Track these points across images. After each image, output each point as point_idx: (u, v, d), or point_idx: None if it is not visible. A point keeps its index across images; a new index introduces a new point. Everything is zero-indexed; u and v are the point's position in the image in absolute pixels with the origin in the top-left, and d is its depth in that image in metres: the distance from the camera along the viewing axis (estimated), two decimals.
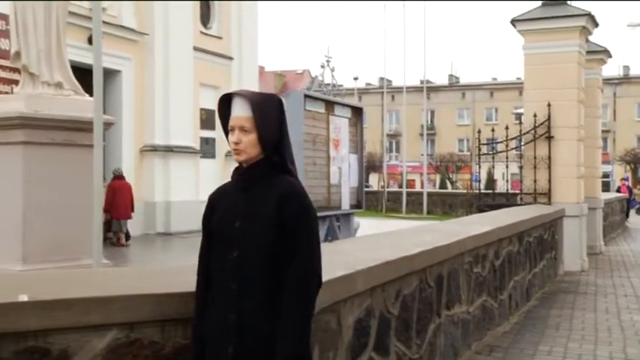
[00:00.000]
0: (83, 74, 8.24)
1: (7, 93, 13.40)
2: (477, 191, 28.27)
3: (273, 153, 2.64)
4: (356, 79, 47.28)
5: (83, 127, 7.25)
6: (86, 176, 6.97)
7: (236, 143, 2.59)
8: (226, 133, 2.69)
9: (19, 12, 7.09)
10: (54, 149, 7.69)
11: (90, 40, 15.99)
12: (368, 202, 21.22)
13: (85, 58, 12.84)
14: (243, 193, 2.63)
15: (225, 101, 2.71)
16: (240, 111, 2.61)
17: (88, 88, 7.82)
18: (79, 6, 15.21)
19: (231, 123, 2.63)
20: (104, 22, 7.75)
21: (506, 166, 12.40)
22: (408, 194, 36.36)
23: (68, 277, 3.52)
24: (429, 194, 36.11)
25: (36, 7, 7.07)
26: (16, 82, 9.91)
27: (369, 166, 52.11)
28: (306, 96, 9.08)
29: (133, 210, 17.09)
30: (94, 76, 7.18)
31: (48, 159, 7.81)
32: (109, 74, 17.26)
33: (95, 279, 3.41)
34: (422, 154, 45.88)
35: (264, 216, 2.55)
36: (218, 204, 2.71)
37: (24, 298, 2.50)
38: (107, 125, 7.72)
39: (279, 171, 2.65)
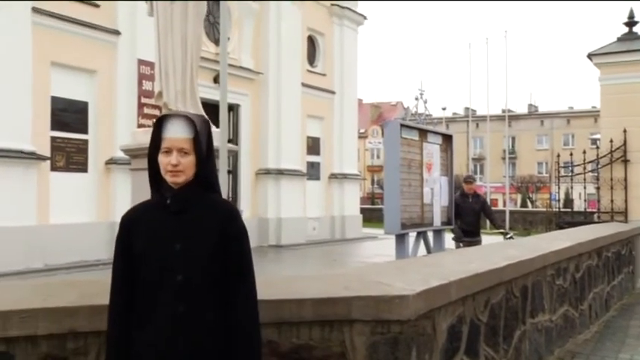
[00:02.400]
0: (210, 108, 8.50)
1: (149, 126, 14.00)
2: (556, 209, 27.40)
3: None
4: (444, 109, 46.56)
5: None
6: None
7: (175, 165, 2.25)
8: (153, 153, 2.32)
9: (162, 60, 7.41)
10: None
11: (215, 80, 16.67)
12: None
13: (212, 94, 13.30)
14: (177, 215, 2.29)
15: (157, 121, 2.34)
16: (180, 132, 2.28)
17: (215, 121, 8.10)
18: (207, 51, 15.77)
19: (168, 144, 2.26)
20: (228, 64, 8.01)
21: (584, 187, 12.13)
22: None
23: None
24: (511, 212, 35.14)
25: (175, 56, 7.36)
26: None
27: (457, 186, 51.24)
28: (402, 125, 9.03)
29: None
30: (220, 110, 7.44)
31: None
32: (231, 108, 17.73)
33: None
34: (504, 176, 44.86)
35: (207, 237, 2.28)
36: (138, 226, 2.31)
37: None
38: (231, 152, 7.92)
39: (207, 190, 2.37)
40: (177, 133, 2.27)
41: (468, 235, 10.76)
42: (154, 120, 2.37)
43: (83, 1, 15.27)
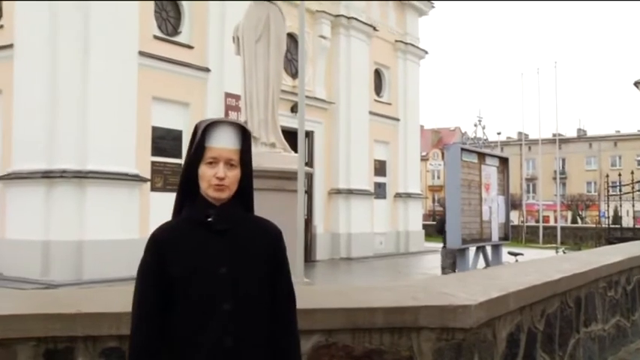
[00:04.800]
0: (288, 135, 8.60)
1: None
2: (606, 226, 26.33)
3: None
4: (499, 133, 45.60)
5: (290, 176, 7.51)
6: (292, 213, 7.24)
7: (221, 179, 1.80)
8: (195, 162, 1.84)
9: (247, 93, 7.57)
10: (268, 194, 8.03)
11: (293, 109, 16.88)
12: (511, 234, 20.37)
13: (290, 122, 13.48)
14: (220, 235, 1.82)
15: (203, 128, 1.84)
16: (229, 142, 1.83)
17: (293, 146, 8.19)
18: (285, 84, 16.01)
19: (214, 154, 1.81)
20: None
21: (632, 205, 11.59)
22: (544, 228, 34.40)
23: None
24: (562, 228, 33.89)
25: (259, 89, 7.51)
26: None
27: (511, 204, 50.06)
28: (462, 149, 8.97)
29: None
30: (298, 136, 7.52)
31: (264, 201, 8.11)
32: (306, 134, 17.88)
33: (300, 295, 3.53)
34: (555, 195, 43.53)
35: (256, 260, 1.84)
36: (175, 247, 1.83)
37: None
38: (307, 175, 8.00)
39: (246, 209, 1.93)
40: (225, 142, 1.82)
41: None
42: (196, 124, 1.90)
43: (180, 44, 15.82)
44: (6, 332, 2.37)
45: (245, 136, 1.88)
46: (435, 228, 12.57)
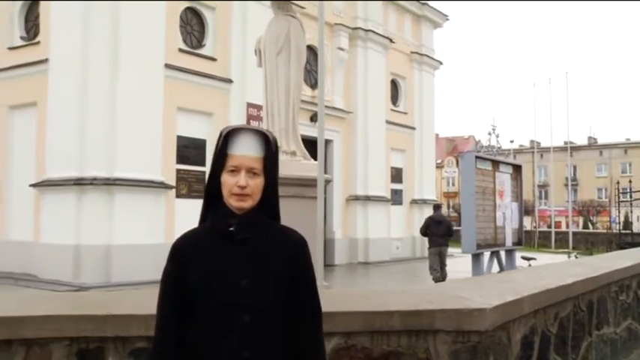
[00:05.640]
0: (308, 144, 8.61)
1: None
2: (617, 231, 25.89)
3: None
4: (512, 141, 45.29)
5: (309, 183, 7.51)
6: (311, 219, 7.24)
7: (243, 187, 1.69)
8: (217, 171, 1.74)
9: (269, 103, 7.60)
10: (288, 200, 8.02)
11: (312, 119, 16.92)
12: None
13: (309, 131, 13.49)
14: (239, 245, 1.72)
15: (224, 135, 1.74)
16: (251, 150, 1.71)
17: (313, 154, 8.20)
18: (305, 95, 16.04)
19: (236, 163, 1.70)
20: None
21: None
22: (556, 233, 34.13)
23: None
24: (574, 233, 33.54)
25: (280, 99, 7.54)
26: None
27: (524, 210, 49.61)
28: (476, 157, 8.92)
29: None
30: (317, 145, 7.53)
31: (284, 208, 8.07)
32: (325, 143, 17.88)
33: (320, 298, 3.52)
34: (567, 201, 43.23)
35: (278, 271, 1.73)
36: (195, 257, 1.74)
37: None
38: (326, 182, 8.00)
39: (270, 217, 1.81)
40: (247, 150, 1.71)
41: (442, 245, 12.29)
42: (220, 131, 1.78)
43: (204, 57, 15.96)
44: (41, 332, 2.41)
45: (269, 143, 1.76)
46: (420, 231, 12.98)
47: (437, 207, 13.74)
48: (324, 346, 1.83)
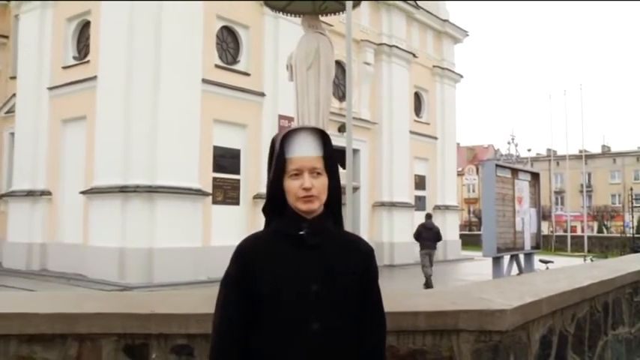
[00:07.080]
0: (336, 154, 8.62)
1: None
2: (630, 235, 25.28)
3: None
4: (529, 150, 44.69)
5: None
6: None
7: (308, 189, 1.54)
8: (279, 176, 1.58)
9: (299, 115, 7.64)
10: None
11: (340, 129, 16.94)
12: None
13: (337, 141, 13.48)
14: (310, 251, 1.56)
15: (280, 139, 1.58)
16: (310, 150, 1.56)
17: (341, 163, 8.20)
18: (333, 107, 16.09)
19: (297, 166, 1.55)
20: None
21: None
22: (572, 237, 33.57)
23: None
24: (589, 237, 32.96)
25: (310, 111, 7.58)
26: None
27: (544, 215, 48.95)
28: (496, 165, 8.83)
29: None
30: (346, 154, 7.53)
31: None
32: (353, 152, 17.87)
33: None
34: (582, 206, 42.47)
35: (349, 278, 1.58)
36: (263, 261, 1.56)
37: None
38: (354, 189, 7.99)
39: (336, 223, 1.65)
40: (306, 150, 1.57)
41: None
42: (273, 137, 1.65)
43: (238, 72, 16.12)
44: (92, 328, 2.47)
45: (326, 141, 1.61)
46: (413, 235, 13.78)
47: (428, 216, 14.68)
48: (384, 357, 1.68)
